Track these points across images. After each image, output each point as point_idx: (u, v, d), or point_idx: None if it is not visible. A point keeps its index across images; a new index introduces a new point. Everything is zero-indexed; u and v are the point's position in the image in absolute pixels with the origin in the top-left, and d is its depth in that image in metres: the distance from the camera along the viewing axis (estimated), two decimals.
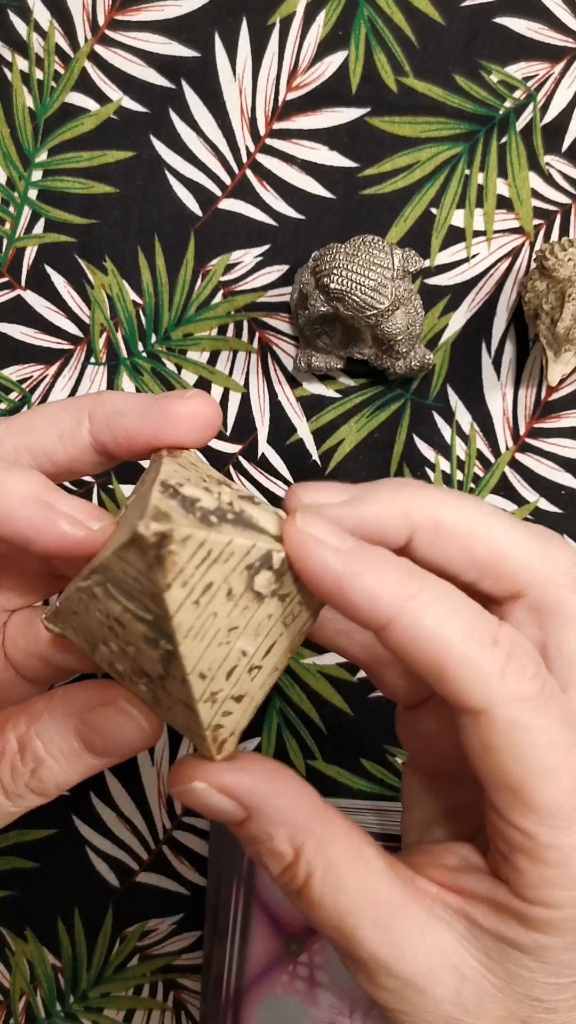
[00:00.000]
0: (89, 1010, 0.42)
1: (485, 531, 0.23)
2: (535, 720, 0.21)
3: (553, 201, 0.40)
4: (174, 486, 0.21)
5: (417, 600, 0.21)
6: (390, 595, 0.21)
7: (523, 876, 0.22)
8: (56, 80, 0.40)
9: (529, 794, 0.21)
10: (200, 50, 0.40)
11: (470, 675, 0.21)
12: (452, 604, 0.21)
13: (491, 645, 0.21)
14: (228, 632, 0.21)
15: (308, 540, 0.21)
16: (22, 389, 0.41)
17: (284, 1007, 0.35)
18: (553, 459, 0.41)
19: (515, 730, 0.21)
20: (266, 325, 0.41)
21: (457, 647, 0.21)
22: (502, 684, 0.21)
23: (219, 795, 0.22)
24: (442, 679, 0.21)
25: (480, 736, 0.21)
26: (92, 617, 0.22)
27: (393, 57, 0.40)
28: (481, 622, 0.21)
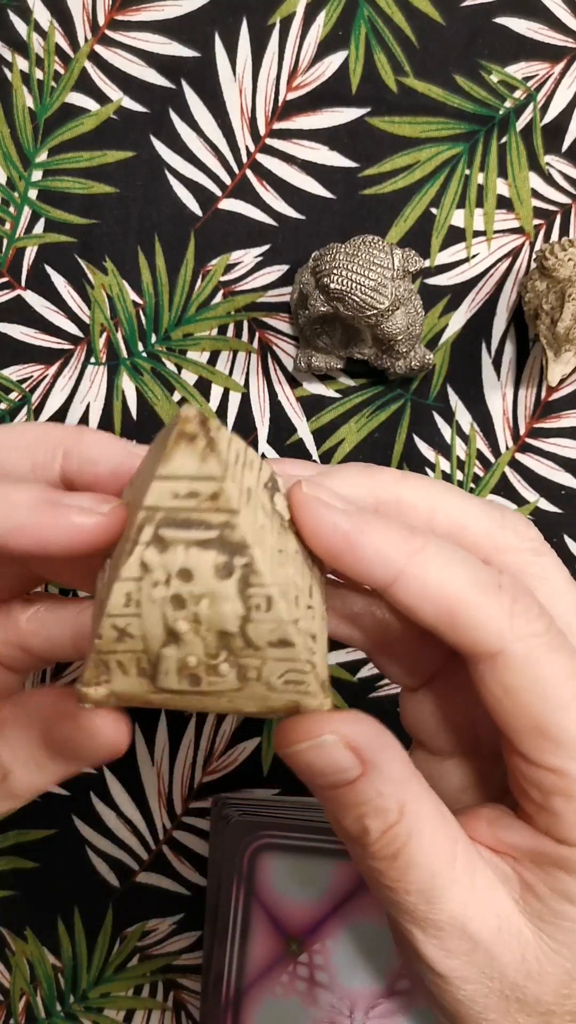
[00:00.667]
0: (89, 1010, 0.42)
1: (445, 505, 0.24)
2: (549, 654, 0.22)
3: (553, 201, 0.40)
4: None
5: (423, 553, 0.22)
6: (397, 549, 0.22)
7: (562, 819, 0.22)
8: (56, 80, 0.40)
9: (556, 729, 0.22)
10: (200, 50, 0.40)
11: (482, 618, 0.21)
12: (455, 556, 0.22)
13: (497, 590, 0.22)
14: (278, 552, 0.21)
15: (316, 502, 0.22)
16: (22, 389, 0.41)
17: (284, 1007, 0.35)
18: (553, 459, 0.41)
19: (532, 665, 0.21)
20: (266, 325, 0.41)
21: (466, 593, 0.21)
22: (512, 624, 0.21)
23: (344, 749, 0.22)
24: (455, 626, 0.22)
25: (499, 679, 0.22)
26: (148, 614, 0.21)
27: (393, 57, 0.40)
28: (484, 571, 0.22)
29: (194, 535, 0.20)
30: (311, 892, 0.36)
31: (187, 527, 0.20)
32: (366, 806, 0.22)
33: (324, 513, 0.22)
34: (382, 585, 0.22)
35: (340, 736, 0.22)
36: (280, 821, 0.36)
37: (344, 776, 0.22)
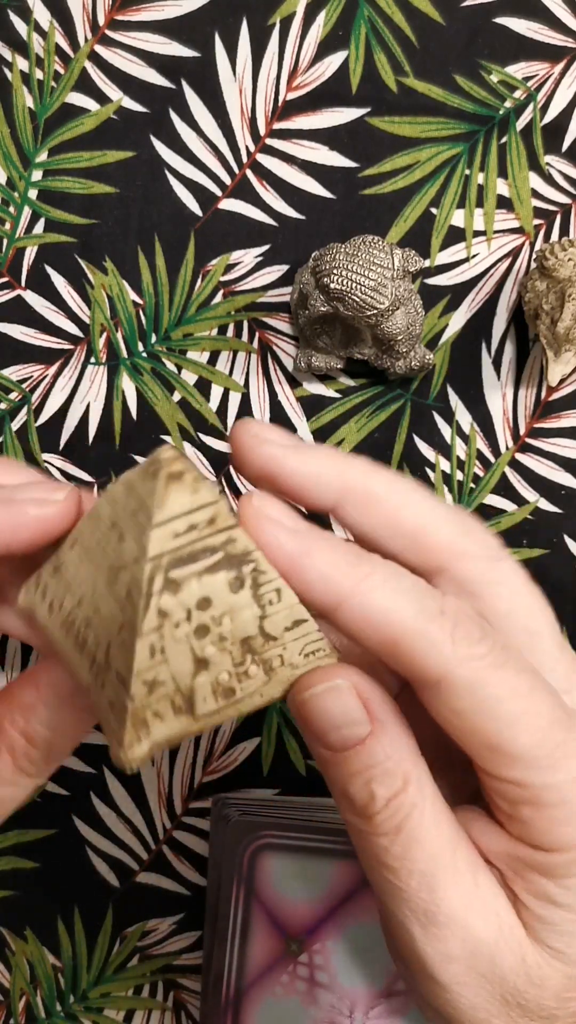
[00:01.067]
0: (89, 1010, 0.42)
1: (411, 506, 0.24)
2: (492, 674, 0.22)
3: (553, 201, 0.40)
4: None
5: (368, 580, 0.22)
6: (342, 575, 0.22)
7: (532, 825, 0.22)
8: (56, 80, 0.40)
9: (509, 745, 0.22)
10: (200, 50, 0.40)
11: (424, 647, 0.21)
12: (400, 583, 0.22)
13: (439, 616, 0.22)
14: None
15: (263, 520, 0.22)
16: (22, 389, 0.41)
17: (284, 1007, 0.35)
18: (553, 459, 0.41)
19: (478, 687, 0.22)
20: (266, 325, 0.41)
21: (409, 622, 0.22)
22: (454, 649, 0.22)
23: (356, 699, 0.22)
24: (397, 654, 0.22)
25: (447, 703, 0.22)
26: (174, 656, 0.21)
27: (393, 57, 0.40)
28: (428, 597, 0.22)
29: (202, 564, 0.21)
30: (311, 892, 0.36)
31: (194, 560, 0.21)
32: (375, 768, 0.22)
33: (270, 531, 0.22)
34: (326, 609, 0.22)
35: (352, 683, 0.22)
36: (280, 821, 0.36)
37: (355, 732, 0.22)
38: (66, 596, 0.23)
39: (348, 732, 0.22)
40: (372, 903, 0.36)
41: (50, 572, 0.23)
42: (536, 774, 0.22)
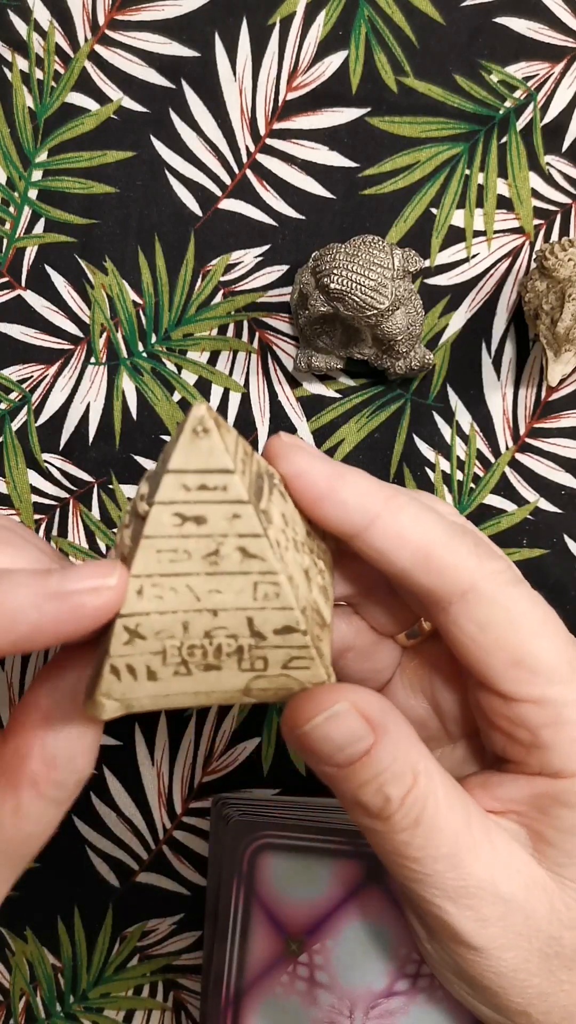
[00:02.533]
0: (89, 1010, 0.42)
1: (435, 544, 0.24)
2: (514, 588, 0.23)
3: (553, 201, 0.40)
4: None
5: (396, 499, 0.23)
6: (373, 495, 0.23)
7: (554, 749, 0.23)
8: (56, 80, 0.40)
9: (531, 657, 0.23)
10: (200, 50, 0.40)
11: (453, 558, 0.23)
12: (422, 504, 0.23)
13: (463, 532, 0.23)
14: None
15: (298, 451, 0.23)
16: (22, 389, 0.41)
17: (284, 1007, 0.35)
18: (553, 459, 0.41)
19: (501, 598, 0.23)
20: (266, 325, 0.41)
21: (438, 535, 0.23)
22: (480, 564, 0.23)
23: (357, 717, 0.22)
24: (429, 568, 0.23)
25: (472, 614, 0.23)
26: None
27: (393, 57, 0.40)
28: (449, 515, 0.24)
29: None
30: (311, 892, 0.36)
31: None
32: (384, 774, 0.22)
33: (305, 459, 0.23)
34: (359, 529, 0.23)
35: (350, 702, 0.22)
36: (280, 821, 0.36)
37: (360, 747, 0.22)
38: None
39: (353, 749, 0.22)
40: (372, 903, 0.36)
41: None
42: (558, 689, 0.23)
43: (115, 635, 0.21)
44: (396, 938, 0.35)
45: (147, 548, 0.21)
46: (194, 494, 0.20)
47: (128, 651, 0.21)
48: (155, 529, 0.20)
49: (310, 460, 0.23)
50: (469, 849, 0.23)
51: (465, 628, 0.23)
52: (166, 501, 0.20)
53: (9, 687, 0.41)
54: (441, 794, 0.23)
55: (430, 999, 0.35)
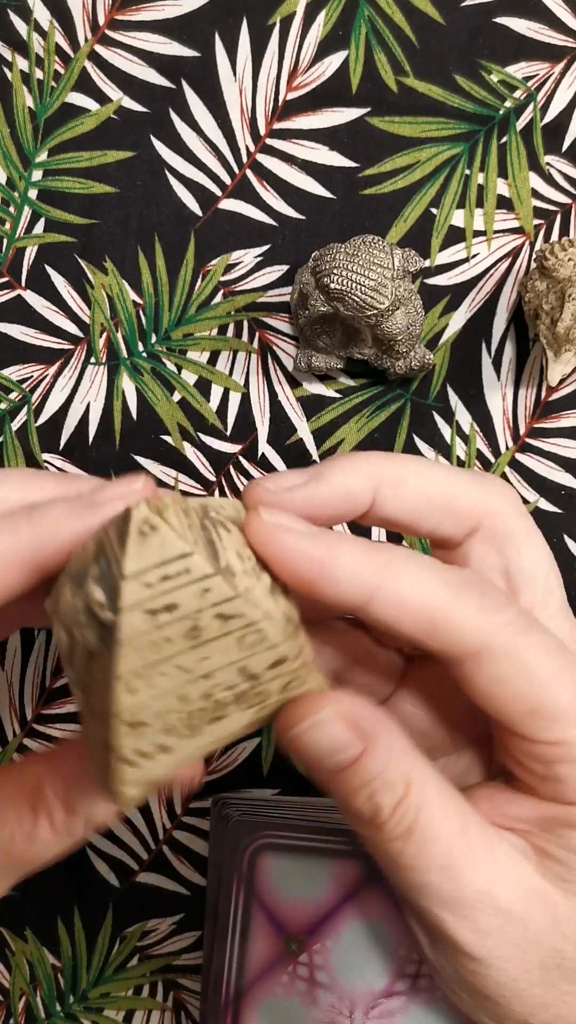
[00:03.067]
0: (89, 1010, 0.42)
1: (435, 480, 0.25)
2: (524, 638, 0.22)
3: (553, 201, 0.40)
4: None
5: (392, 567, 0.22)
6: (367, 568, 0.22)
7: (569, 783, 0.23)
8: (56, 80, 0.40)
9: (549, 704, 0.22)
10: (200, 50, 0.40)
11: (459, 620, 0.22)
12: (421, 563, 0.23)
13: (466, 588, 0.22)
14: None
15: (280, 530, 0.22)
16: (22, 389, 0.41)
17: (284, 1007, 0.35)
18: (553, 459, 0.41)
19: (514, 652, 0.22)
20: (266, 325, 0.41)
21: (440, 599, 0.22)
22: (488, 619, 0.22)
23: (343, 725, 0.22)
24: (435, 632, 0.22)
25: (486, 672, 0.22)
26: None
27: (393, 57, 0.40)
28: (449, 571, 0.23)
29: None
30: (311, 892, 0.36)
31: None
32: (374, 782, 0.22)
33: (291, 540, 0.22)
34: (358, 605, 0.22)
35: (336, 711, 0.22)
36: (280, 821, 0.36)
37: (348, 755, 0.22)
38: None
39: (341, 757, 0.22)
40: (372, 903, 0.36)
41: None
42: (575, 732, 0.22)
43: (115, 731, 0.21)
44: (396, 938, 0.35)
45: (126, 651, 0.20)
46: (158, 587, 0.20)
47: (135, 740, 0.21)
48: (129, 632, 0.20)
49: (297, 541, 0.21)
50: (465, 859, 0.23)
51: (479, 683, 0.23)
52: (132, 605, 0.20)
53: (9, 687, 0.41)
54: (436, 804, 0.23)
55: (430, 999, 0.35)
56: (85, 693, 0.22)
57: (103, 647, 0.20)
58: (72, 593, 0.21)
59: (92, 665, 0.21)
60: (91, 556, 0.21)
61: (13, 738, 0.42)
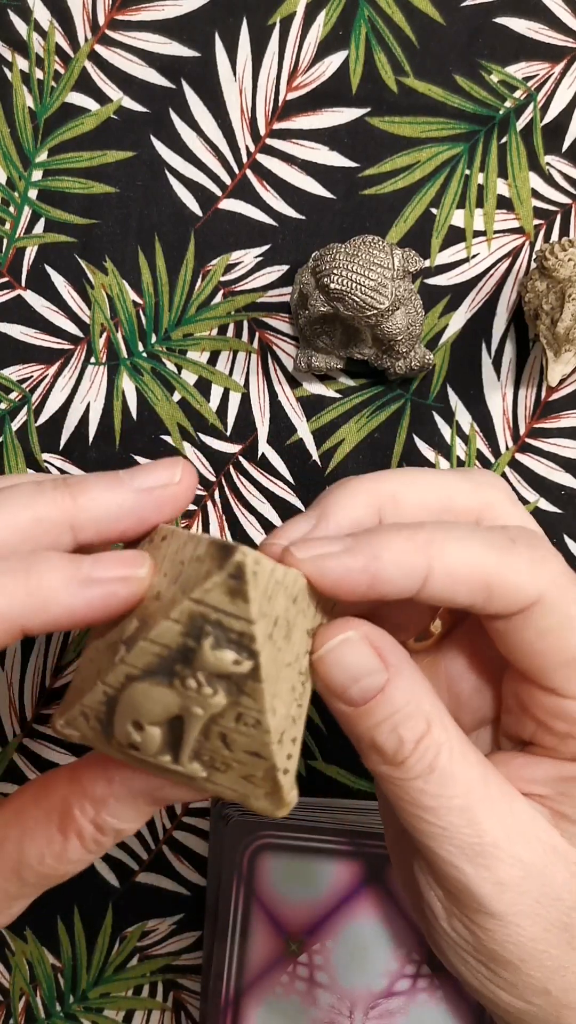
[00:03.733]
0: (89, 1010, 0.42)
1: (428, 487, 0.25)
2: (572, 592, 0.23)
3: (553, 201, 0.40)
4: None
5: (435, 543, 0.22)
6: (414, 553, 0.22)
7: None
8: (56, 80, 0.40)
9: None
10: (200, 50, 0.40)
11: (513, 578, 0.22)
12: (461, 532, 0.23)
13: (512, 546, 0.23)
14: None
15: (318, 559, 0.22)
16: (22, 389, 0.41)
17: (284, 1007, 0.35)
18: (553, 459, 0.41)
19: (563, 604, 0.23)
20: (266, 325, 0.41)
21: (490, 559, 0.22)
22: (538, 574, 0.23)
23: (370, 649, 0.23)
24: (492, 595, 0.22)
25: (535, 624, 0.23)
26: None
27: (393, 57, 0.40)
28: (491, 533, 0.23)
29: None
30: (311, 892, 0.36)
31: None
32: (399, 714, 0.23)
33: (333, 564, 0.22)
34: (414, 592, 0.22)
35: (362, 634, 0.23)
36: (280, 821, 0.36)
37: (373, 681, 0.23)
38: None
39: (366, 683, 0.23)
40: (372, 903, 0.35)
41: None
42: None
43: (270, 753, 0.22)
44: (396, 938, 0.35)
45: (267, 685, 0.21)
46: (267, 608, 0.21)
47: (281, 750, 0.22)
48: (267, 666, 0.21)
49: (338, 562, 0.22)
50: (484, 803, 0.23)
51: (524, 635, 0.23)
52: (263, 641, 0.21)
53: (9, 687, 0.41)
54: (457, 746, 0.23)
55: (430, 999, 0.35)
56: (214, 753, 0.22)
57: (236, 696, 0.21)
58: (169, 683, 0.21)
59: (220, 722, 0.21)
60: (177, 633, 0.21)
61: (13, 738, 0.42)
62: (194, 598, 0.21)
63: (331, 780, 0.41)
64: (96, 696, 0.22)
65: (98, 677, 0.22)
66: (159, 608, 0.21)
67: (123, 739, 0.22)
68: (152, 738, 0.22)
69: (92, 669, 0.22)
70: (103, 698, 0.22)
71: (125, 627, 0.22)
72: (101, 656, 0.22)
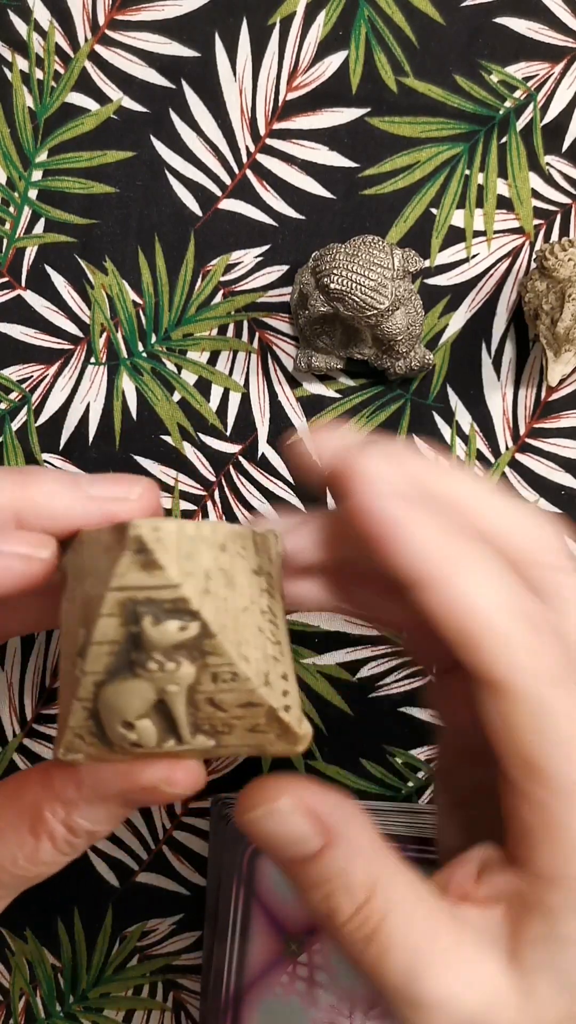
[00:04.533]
0: (89, 1010, 0.42)
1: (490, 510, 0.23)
2: (558, 696, 0.21)
3: (553, 201, 0.40)
4: None
5: (460, 562, 0.21)
6: (439, 552, 0.20)
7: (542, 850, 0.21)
8: (56, 80, 0.40)
9: (545, 764, 0.21)
10: (200, 50, 0.40)
11: (499, 645, 0.20)
12: (491, 570, 0.21)
13: (522, 618, 0.21)
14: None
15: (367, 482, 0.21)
16: (22, 389, 0.41)
17: (284, 1007, 0.35)
18: (553, 459, 0.41)
19: (536, 703, 0.21)
20: (266, 325, 0.41)
21: (491, 615, 0.20)
22: (528, 658, 0.21)
23: (302, 818, 0.21)
24: (468, 647, 0.21)
25: (498, 707, 0.21)
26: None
27: (393, 57, 0.40)
28: (516, 593, 0.21)
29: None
30: None
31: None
32: (333, 882, 0.21)
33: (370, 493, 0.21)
34: (411, 583, 0.21)
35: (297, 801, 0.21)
36: None
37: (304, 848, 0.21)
38: None
39: (296, 849, 0.21)
40: None
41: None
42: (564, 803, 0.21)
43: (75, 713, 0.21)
44: None
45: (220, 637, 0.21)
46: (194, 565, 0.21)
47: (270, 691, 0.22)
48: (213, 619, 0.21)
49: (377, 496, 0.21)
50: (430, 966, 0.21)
51: (487, 711, 0.21)
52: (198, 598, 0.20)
53: (9, 687, 0.41)
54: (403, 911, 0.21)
55: None
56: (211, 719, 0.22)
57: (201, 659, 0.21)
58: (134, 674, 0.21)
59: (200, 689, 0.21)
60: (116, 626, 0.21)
61: (13, 738, 0.42)
62: (114, 587, 0.20)
63: (331, 780, 0.41)
64: (78, 715, 0.22)
65: (72, 696, 0.22)
66: (94, 609, 0.21)
67: (122, 742, 0.22)
68: (147, 730, 0.21)
69: (67, 691, 0.22)
70: (85, 714, 0.22)
71: (77, 639, 0.22)
72: (68, 675, 0.22)
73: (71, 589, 0.23)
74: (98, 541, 0.22)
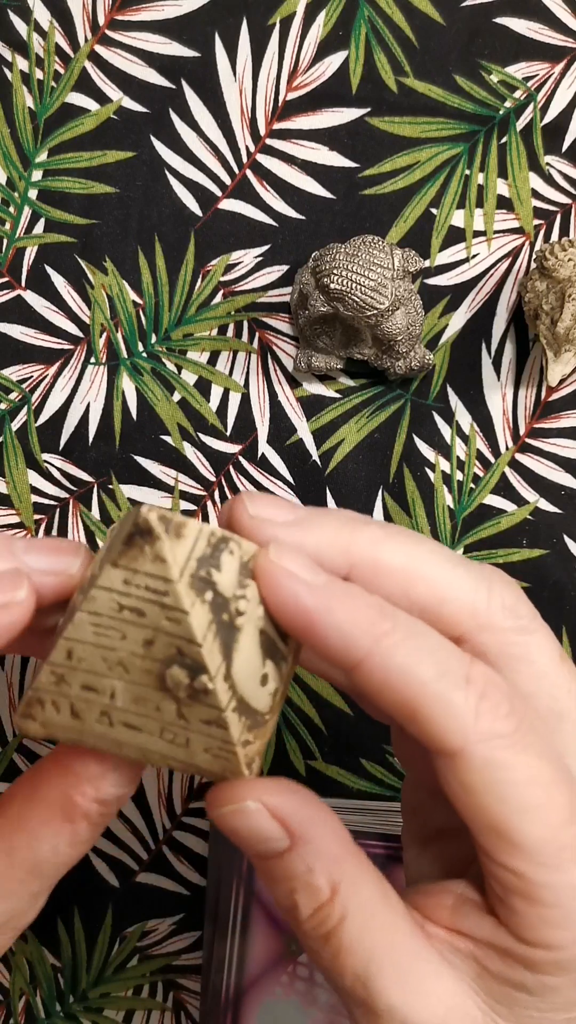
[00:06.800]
0: (89, 1010, 0.42)
1: (425, 571, 0.22)
2: (513, 757, 0.21)
3: (553, 201, 0.40)
4: None
5: (390, 638, 0.20)
6: (362, 633, 0.20)
7: (520, 918, 0.21)
8: (56, 80, 0.40)
9: (514, 833, 0.21)
10: (200, 50, 0.40)
11: (444, 715, 0.20)
12: (425, 642, 0.21)
13: (464, 683, 0.21)
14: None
15: (281, 573, 0.21)
16: (22, 389, 0.41)
17: (284, 1007, 0.35)
18: (553, 459, 0.41)
19: (493, 769, 0.20)
20: (266, 325, 0.41)
21: (430, 686, 0.20)
22: (476, 723, 0.20)
23: (269, 818, 0.21)
24: (415, 720, 0.21)
25: (458, 777, 0.21)
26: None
27: (393, 57, 0.40)
28: (454, 659, 0.21)
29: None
30: None
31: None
32: (296, 881, 0.21)
33: (288, 586, 0.21)
34: (345, 667, 0.21)
35: (264, 803, 0.21)
36: None
37: (271, 846, 0.21)
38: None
39: (264, 847, 0.21)
40: None
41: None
42: (537, 870, 0.21)
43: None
44: None
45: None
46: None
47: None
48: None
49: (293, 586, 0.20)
50: (383, 974, 0.21)
51: (449, 783, 0.21)
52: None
53: (9, 687, 0.41)
54: (362, 916, 0.21)
55: None
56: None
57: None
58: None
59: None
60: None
61: (13, 738, 0.42)
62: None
63: (331, 780, 0.41)
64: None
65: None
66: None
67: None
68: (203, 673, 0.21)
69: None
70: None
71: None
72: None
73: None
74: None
